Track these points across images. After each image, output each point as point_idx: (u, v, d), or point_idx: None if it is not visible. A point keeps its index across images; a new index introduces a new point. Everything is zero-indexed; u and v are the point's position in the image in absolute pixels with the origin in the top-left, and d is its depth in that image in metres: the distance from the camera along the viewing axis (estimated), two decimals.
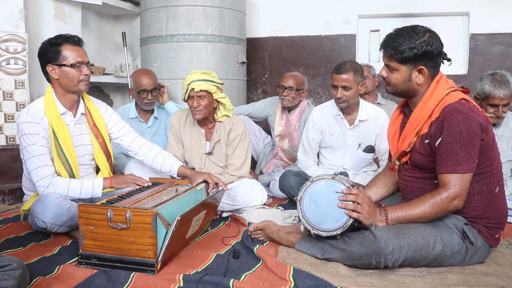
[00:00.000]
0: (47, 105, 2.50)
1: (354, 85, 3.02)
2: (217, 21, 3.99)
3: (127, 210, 1.96)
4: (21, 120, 2.45)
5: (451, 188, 1.92)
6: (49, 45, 2.47)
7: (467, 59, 4.66)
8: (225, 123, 3.09)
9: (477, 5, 4.56)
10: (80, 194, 2.44)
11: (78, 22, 4.35)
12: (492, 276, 1.91)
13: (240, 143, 3.07)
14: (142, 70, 3.65)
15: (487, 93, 2.96)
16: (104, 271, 1.96)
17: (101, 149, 2.67)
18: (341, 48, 4.95)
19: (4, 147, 3.67)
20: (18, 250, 2.29)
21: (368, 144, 3.20)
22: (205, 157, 3.11)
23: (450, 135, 1.91)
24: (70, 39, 2.51)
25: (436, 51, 2.00)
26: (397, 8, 4.75)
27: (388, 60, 2.08)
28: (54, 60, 2.47)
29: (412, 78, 2.05)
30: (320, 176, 2.13)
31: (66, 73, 2.48)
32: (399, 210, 2.01)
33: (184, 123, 3.14)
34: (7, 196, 3.48)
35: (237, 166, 3.04)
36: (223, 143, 3.09)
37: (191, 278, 1.87)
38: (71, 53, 2.48)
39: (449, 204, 1.93)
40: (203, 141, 3.11)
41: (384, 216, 2.02)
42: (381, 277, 1.93)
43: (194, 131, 3.12)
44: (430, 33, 2.01)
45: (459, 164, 1.91)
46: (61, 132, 2.49)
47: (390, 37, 2.05)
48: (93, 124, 2.66)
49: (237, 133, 3.07)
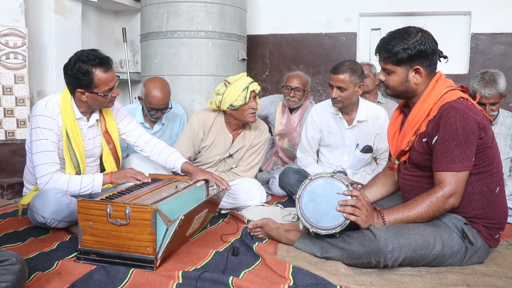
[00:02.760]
0: (63, 106, 2.47)
1: (350, 86, 2.98)
2: (217, 18, 3.98)
3: (126, 206, 1.95)
4: (37, 112, 2.43)
5: (446, 186, 1.92)
6: (81, 73, 2.36)
7: (468, 58, 4.65)
8: (252, 129, 3.11)
9: (478, 5, 4.55)
10: (80, 190, 2.43)
11: (78, 17, 4.34)
12: (492, 277, 1.91)
13: (259, 149, 3.13)
14: (157, 85, 3.29)
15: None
16: (103, 267, 1.96)
17: (111, 154, 2.67)
18: (341, 46, 4.95)
19: (3, 142, 3.66)
20: (16, 245, 2.29)
21: (366, 144, 3.19)
22: (221, 159, 3.10)
23: (446, 133, 1.91)
24: (103, 64, 2.40)
25: (430, 49, 2.00)
26: (399, 6, 4.75)
27: (384, 64, 2.09)
28: (85, 88, 2.41)
29: (409, 78, 2.05)
30: (319, 174, 2.13)
31: (97, 98, 2.46)
32: (396, 213, 2.01)
33: (210, 127, 3.06)
34: (6, 191, 3.47)
35: (247, 168, 3.09)
36: (245, 149, 3.11)
37: (190, 275, 1.87)
38: (103, 81, 2.41)
39: (445, 202, 1.93)
40: (227, 146, 3.09)
41: (381, 219, 2.02)
42: (380, 276, 1.92)
43: (220, 135, 3.07)
44: (423, 33, 2.02)
45: (454, 162, 1.91)
46: (75, 137, 2.48)
47: (383, 41, 2.07)
48: (105, 130, 2.66)
49: (261, 139, 3.13)
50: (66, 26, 4.20)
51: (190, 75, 3.92)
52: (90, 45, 4.83)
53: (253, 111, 2.94)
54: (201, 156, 3.12)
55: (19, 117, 3.71)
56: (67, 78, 2.43)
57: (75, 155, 2.49)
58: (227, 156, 3.08)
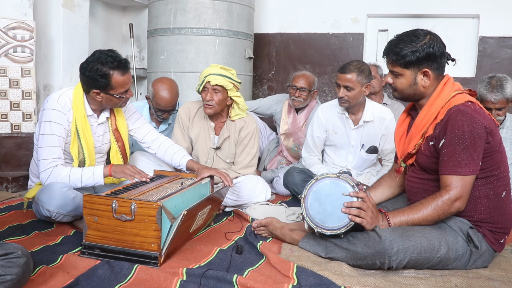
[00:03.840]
0: (75, 102, 2.47)
1: (357, 86, 2.98)
2: (225, 15, 3.98)
3: (132, 202, 1.95)
4: (49, 106, 2.43)
5: (452, 190, 1.91)
6: (99, 75, 2.36)
7: (475, 62, 4.63)
8: (237, 121, 3.08)
9: (487, 8, 4.53)
10: (82, 182, 2.43)
11: (86, 12, 4.35)
12: (496, 281, 1.90)
13: (249, 142, 3.08)
14: (166, 86, 3.26)
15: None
16: (107, 262, 1.96)
17: (119, 152, 2.68)
18: (348, 46, 4.93)
19: (8, 135, 3.67)
20: (21, 238, 2.29)
21: (371, 145, 3.18)
22: (212, 152, 3.10)
23: (453, 137, 1.91)
24: (120, 67, 2.40)
25: (438, 52, 2.00)
26: (407, 8, 4.73)
27: (392, 66, 2.08)
28: (102, 89, 2.42)
29: (417, 81, 2.04)
30: (325, 174, 2.13)
31: (111, 99, 2.47)
32: (402, 215, 2.01)
33: (194, 116, 3.10)
34: (11, 184, 3.48)
35: (244, 164, 3.05)
36: (233, 141, 3.08)
37: (194, 272, 1.87)
38: (120, 83, 2.42)
39: (450, 206, 1.93)
40: (211, 134, 3.09)
41: (386, 221, 2.02)
42: (384, 278, 1.92)
43: (203, 124, 3.09)
44: (431, 35, 2.02)
45: (460, 166, 1.90)
46: (85, 133, 2.49)
47: (391, 44, 2.06)
48: (115, 128, 2.66)
49: (248, 131, 3.07)
50: (73, 21, 4.21)
51: (197, 72, 3.91)
52: (97, 40, 4.86)
53: (207, 103, 2.91)
54: (194, 151, 3.13)
55: (25, 110, 3.72)
56: (84, 78, 2.43)
57: (83, 150, 2.50)
58: (215, 148, 3.08)
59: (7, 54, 3.59)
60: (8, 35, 3.58)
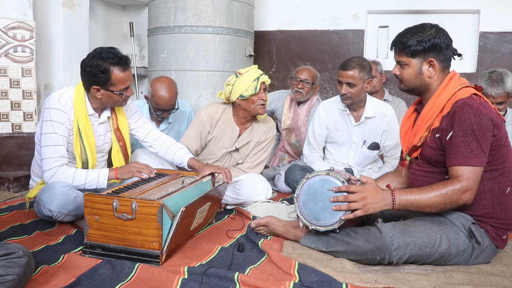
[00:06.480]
0: (77, 101, 2.48)
1: (359, 82, 2.98)
2: (225, 13, 3.97)
3: (133, 201, 1.95)
4: (50, 105, 2.43)
5: (464, 180, 1.90)
6: (99, 71, 2.37)
7: (476, 57, 4.62)
8: (260, 124, 3.10)
9: (488, 3, 4.51)
10: (85, 184, 2.44)
11: (86, 11, 4.35)
12: (498, 277, 1.90)
13: (265, 147, 3.13)
14: (164, 85, 3.23)
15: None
16: (108, 261, 1.96)
17: (120, 151, 2.68)
18: (349, 43, 4.93)
19: (10, 135, 3.67)
20: (22, 238, 2.29)
21: (373, 141, 3.18)
22: (228, 152, 3.09)
23: (461, 128, 1.91)
24: (121, 63, 2.41)
25: (444, 43, 2.03)
26: (407, 4, 4.72)
27: (398, 56, 2.12)
28: (102, 85, 2.42)
29: (423, 71, 2.07)
30: (315, 172, 2.17)
31: (111, 96, 2.47)
32: (409, 194, 1.97)
33: (217, 121, 3.05)
34: (12, 184, 3.49)
35: (254, 164, 3.08)
36: (252, 145, 3.10)
37: (195, 270, 1.87)
38: (120, 80, 2.42)
39: (460, 196, 1.90)
40: (234, 139, 3.07)
41: (391, 199, 1.98)
42: (386, 274, 1.92)
43: (227, 127, 3.05)
44: (437, 28, 2.07)
45: (470, 156, 1.90)
46: (87, 133, 2.50)
47: (399, 35, 2.12)
48: (117, 128, 2.66)
49: (268, 136, 3.13)
50: (73, 20, 4.21)
51: (197, 71, 3.91)
52: (97, 39, 4.86)
53: (263, 103, 2.93)
54: (207, 149, 3.11)
55: (26, 110, 3.72)
56: (84, 74, 2.43)
57: (85, 150, 2.50)
58: (233, 150, 3.08)
59: (7, 54, 3.60)
60: (8, 35, 3.58)
